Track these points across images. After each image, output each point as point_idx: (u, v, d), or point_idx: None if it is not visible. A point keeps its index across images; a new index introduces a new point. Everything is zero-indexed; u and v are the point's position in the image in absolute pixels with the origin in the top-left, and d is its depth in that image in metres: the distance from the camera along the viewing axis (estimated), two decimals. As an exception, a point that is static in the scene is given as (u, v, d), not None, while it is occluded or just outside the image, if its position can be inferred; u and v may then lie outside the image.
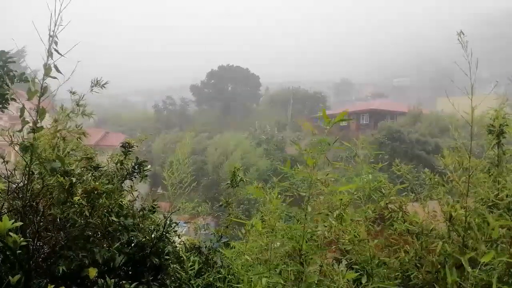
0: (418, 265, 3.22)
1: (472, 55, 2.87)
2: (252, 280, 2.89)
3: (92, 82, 3.64)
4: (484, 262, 2.48)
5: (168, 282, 3.79)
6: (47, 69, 2.85)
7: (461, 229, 2.97)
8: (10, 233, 2.48)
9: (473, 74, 2.84)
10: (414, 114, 44.28)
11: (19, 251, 2.66)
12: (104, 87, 3.69)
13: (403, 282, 3.27)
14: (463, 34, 2.90)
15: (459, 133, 3.28)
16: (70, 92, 3.50)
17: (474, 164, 3.13)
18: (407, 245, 3.32)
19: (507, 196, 2.89)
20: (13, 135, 3.25)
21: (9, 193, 3.30)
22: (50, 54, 2.87)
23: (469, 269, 2.35)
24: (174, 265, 3.93)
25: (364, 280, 2.96)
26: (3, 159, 3.49)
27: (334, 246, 3.87)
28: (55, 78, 2.89)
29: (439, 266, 3.05)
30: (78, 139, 3.64)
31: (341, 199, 3.49)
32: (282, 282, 2.79)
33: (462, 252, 2.88)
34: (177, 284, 3.79)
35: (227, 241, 4.54)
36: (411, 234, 3.32)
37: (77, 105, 3.54)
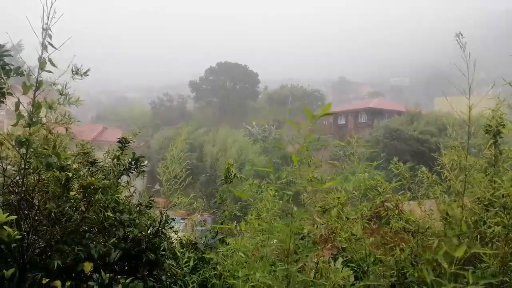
0: (414, 263, 3.22)
1: (470, 55, 2.87)
2: (247, 277, 2.89)
3: (72, 71, 3.40)
4: (478, 260, 2.49)
5: (163, 277, 3.79)
6: (41, 63, 2.83)
7: (457, 227, 2.98)
8: (5, 227, 2.47)
9: (470, 75, 2.84)
10: (412, 113, 44.37)
11: (14, 245, 2.65)
12: (87, 75, 3.45)
13: (399, 280, 3.28)
14: (462, 35, 2.89)
15: (457, 133, 3.28)
16: (52, 84, 3.31)
17: (471, 164, 3.14)
18: (403, 243, 3.33)
19: (503, 196, 2.90)
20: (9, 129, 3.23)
21: (4, 187, 3.28)
22: (44, 48, 2.84)
23: (445, 265, 2.37)
24: (170, 261, 3.93)
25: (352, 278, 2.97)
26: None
27: (330, 244, 3.87)
28: (50, 72, 2.87)
29: (435, 264, 3.06)
30: (69, 129, 3.58)
31: (339, 197, 3.49)
32: (270, 282, 2.78)
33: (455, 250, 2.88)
34: (173, 280, 3.79)
35: (223, 237, 4.54)
36: (407, 232, 3.33)
37: (61, 94, 3.41)
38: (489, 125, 3.38)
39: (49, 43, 2.86)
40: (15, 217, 2.57)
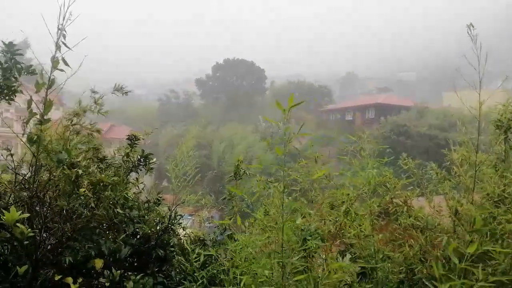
0: (422, 259, 3.21)
1: (481, 48, 2.83)
2: (256, 273, 2.90)
3: (115, 86, 3.84)
4: (488, 257, 2.47)
5: (173, 273, 3.82)
6: (55, 62, 2.86)
7: (466, 224, 2.96)
8: (18, 224, 2.51)
9: (481, 68, 2.80)
10: (420, 108, 43.99)
11: (26, 242, 2.69)
12: (126, 94, 3.86)
13: (407, 276, 3.27)
14: (473, 27, 2.84)
15: (467, 128, 3.25)
16: (92, 91, 3.65)
17: (481, 159, 3.11)
18: (412, 240, 3.32)
19: (513, 191, 2.87)
20: (22, 127, 3.27)
21: (16, 185, 3.32)
22: (58, 47, 2.88)
23: (456, 261, 2.35)
24: (179, 257, 3.96)
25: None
26: (10, 151, 3.52)
27: (339, 241, 3.87)
28: (62, 70, 2.91)
29: (443, 261, 3.04)
30: (90, 135, 3.69)
31: (348, 194, 3.48)
32: (266, 274, 2.78)
33: (467, 246, 2.86)
34: (182, 275, 3.82)
35: (231, 233, 4.56)
36: (416, 228, 3.32)
37: (95, 103, 3.64)
38: (500, 120, 3.34)
39: (63, 43, 2.89)
40: (27, 215, 2.61)
